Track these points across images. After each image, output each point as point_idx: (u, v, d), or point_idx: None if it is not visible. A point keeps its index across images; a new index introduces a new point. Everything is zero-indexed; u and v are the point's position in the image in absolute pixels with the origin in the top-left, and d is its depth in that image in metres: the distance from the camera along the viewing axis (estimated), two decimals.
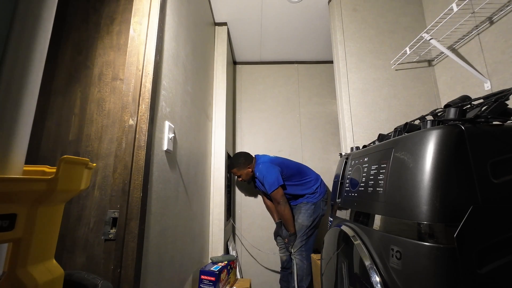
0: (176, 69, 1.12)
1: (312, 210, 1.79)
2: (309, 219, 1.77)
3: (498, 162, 0.56)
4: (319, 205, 1.82)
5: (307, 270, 1.73)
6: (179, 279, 1.12)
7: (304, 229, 1.76)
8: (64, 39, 0.94)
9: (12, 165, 0.35)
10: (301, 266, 1.73)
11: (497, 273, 0.51)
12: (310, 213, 1.78)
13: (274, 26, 2.10)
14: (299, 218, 1.80)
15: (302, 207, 1.82)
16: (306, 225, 1.76)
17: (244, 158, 1.92)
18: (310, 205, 1.80)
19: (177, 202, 1.10)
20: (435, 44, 1.25)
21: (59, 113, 0.88)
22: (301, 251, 1.75)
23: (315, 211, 1.79)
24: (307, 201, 1.82)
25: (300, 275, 1.73)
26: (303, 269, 1.73)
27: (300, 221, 1.78)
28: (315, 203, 1.81)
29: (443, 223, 0.53)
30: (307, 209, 1.80)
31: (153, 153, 0.88)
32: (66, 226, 0.78)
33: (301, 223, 1.78)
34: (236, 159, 1.93)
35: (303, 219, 1.78)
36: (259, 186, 1.97)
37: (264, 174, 1.81)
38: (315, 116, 2.52)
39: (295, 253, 1.77)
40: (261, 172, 1.83)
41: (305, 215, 1.78)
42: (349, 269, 0.80)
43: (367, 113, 1.51)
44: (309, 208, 1.80)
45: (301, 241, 1.75)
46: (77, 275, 0.50)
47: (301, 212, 1.81)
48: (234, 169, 1.93)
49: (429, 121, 0.64)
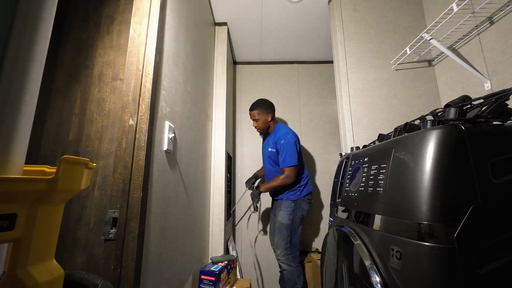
0: (176, 69, 1.12)
1: (292, 208, 1.72)
2: (289, 217, 1.70)
3: (498, 162, 0.56)
4: (300, 205, 1.74)
5: (297, 272, 1.67)
6: (179, 279, 1.12)
7: (283, 228, 1.69)
8: (64, 39, 0.94)
9: (12, 165, 0.35)
10: (290, 271, 1.67)
11: (497, 273, 0.51)
12: (290, 211, 1.71)
13: (274, 26, 2.10)
14: (278, 216, 1.74)
15: (283, 204, 1.75)
16: (284, 224, 1.69)
17: (268, 106, 1.89)
18: (290, 203, 1.73)
19: (177, 202, 1.10)
20: (435, 44, 1.25)
21: (59, 113, 0.88)
22: (286, 254, 1.68)
23: (295, 210, 1.72)
24: (287, 197, 1.75)
25: (291, 279, 1.66)
26: (293, 273, 1.66)
27: (280, 219, 1.72)
28: (295, 201, 1.73)
29: (443, 223, 0.53)
30: (287, 206, 1.73)
31: (153, 153, 0.88)
32: (66, 226, 0.78)
33: (280, 220, 1.71)
34: (260, 102, 1.89)
35: (282, 217, 1.71)
36: (268, 148, 1.87)
37: (289, 148, 1.72)
38: (315, 116, 2.52)
39: (281, 258, 1.69)
40: (287, 143, 1.73)
41: (284, 213, 1.72)
42: (349, 269, 0.80)
43: (367, 113, 1.51)
44: (289, 205, 1.73)
45: (285, 243, 1.68)
46: (77, 275, 0.50)
47: (281, 209, 1.74)
48: (255, 111, 1.87)
49: (429, 121, 0.64)
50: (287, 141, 1.74)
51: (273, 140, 1.84)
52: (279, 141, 1.78)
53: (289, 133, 1.79)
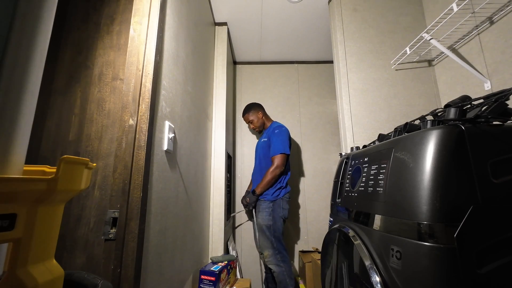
0: (176, 69, 1.12)
1: (271, 208, 1.70)
2: (269, 217, 1.68)
3: (498, 162, 0.56)
4: (279, 204, 1.71)
5: (288, 272, 1.61)
6: (179, 279, 1.12)
7: (265, 229, 1.67)
8: (64, 39, 0.94)
9: (12, 165, 0.35)
10: (280, 271, 1.61)
11: (497, 273, 0.51)
12: (269, 212, 1.69)
13: (274, 26, 2.10)
14: (258, 217, 1.71)
15: (261, 205, 1.73)
16: (266, 225, 1.67)
17: (256, 105, 2.08)
18: (268, 203, 1.71)
19: (177, 202, 1.10)
20: (435, 44, 1.25)
21: (59, 113, 0.88)
22: (274, 254, 1.64)
23: (274, 209, 1.70)
24: (265, 198, 1.73)
25: (282, 281, 1.60)
26: (283, 273, 1.61)
27: (260, 220, 1.69)
28: (273, 201, 1.71)
29: (443, 223, 0.53)
30: (265, 207, 1.71)
31: (153, 153, 0.88)
32: (66, 226, 0.78)
33: (260, 222, 1.69)
34: (248, 106, 2.09)
35: (261, 218, 1.69)
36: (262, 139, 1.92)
37: (283, 136, 1.76)
38: (315, 116, 2.52)
39: (268, 258, 1.65)
40: (281, 132, 1.78)
41: (263, 214, 1.70)
42: (349, 269, 0.80)
43: (367, 113, 1.51)
44: (267, 206, 1.71)
45: (270, 243, 1.65)
46: (77, 275, 0.50)
47: (260, 211, 1.72)
48: (247, 114, 2.04)
49: (429, 121, 0.64)
50: (281, 131, 1.81)
51: (267, 132, 1.91)
52: (274, 131, 1.83)
53: (284, 127, 1.87)
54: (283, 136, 1.77)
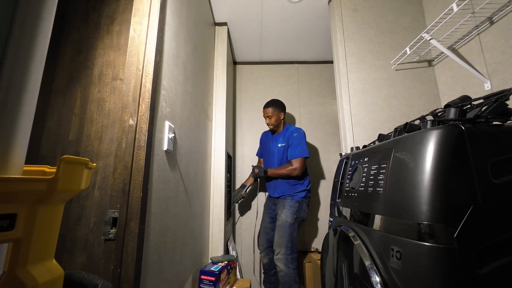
0: (176, 69, 1.12)
1: (296, 208, 1.73)
2: (293, 216, 1.70)
3: (498, 162, 0.56)
4: (302, 206, 1.76)
5: (293, 275, 1.60)
6: (179, 279, 1.12)
7: (287, 226, 1.67)
8: (64, 39, 0.94)
9: (12, 165, 0.35)
10: (287, 272, 1.59)
11: (497, 273, 0.51)
12: (294, 211, 1.71)
13: (274, 26, 2.10)
14: (282, 213, 1.73)
15: (287, 202, 1.76)
16: (288, 222, 1.68)
17: (282, 105, 1.97)
18: (294, 202, 1.75)
19: (177, 202, 1.10)
20: (435, 44, 1.25)
21: (59, 113, 0.88)
22: (286, 254, 1.62)
23: (298, 210, 1.73)
24: (292, 197, 1.77)
25: (286, 282, 1.58)
26: (289, 275, 1.59)
27: (284, 217, 1.71)
28: (299, 202, 1.75)
29: (443, 223, 0.53)
30: (291, 205, 1.74)
31: (153, 153, 0.88)
32: (66, 226, 0.78)
33: (284, 218, 1.70)
34: (275, 101, 1.97)
35: (286, 215, 1.71)
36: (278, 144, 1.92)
37: (302, 140, 1.80)
38: (315, 116, 2.52)
39: (280, 257, 1.62)
40: (300, 136, 1.81)
41: (288, 211, 1.71)
42: (349, 269, 0.80)
43: (367, 113, 1.51)
44: (293, 205, 1.74)
45: (287, 242, 1.64)
46: (77, 275, 0.50)
47: (285, 207, 1.74)
48: (270, 108, 1.93)
49: (429, 121, 0.64)
50: (300, 135, 1.82)
51: (284, 136, 1.89)
52: (292, 134, 1.84)
53: (302, 129, 1.88)
54: (302, 140, 1.81)
